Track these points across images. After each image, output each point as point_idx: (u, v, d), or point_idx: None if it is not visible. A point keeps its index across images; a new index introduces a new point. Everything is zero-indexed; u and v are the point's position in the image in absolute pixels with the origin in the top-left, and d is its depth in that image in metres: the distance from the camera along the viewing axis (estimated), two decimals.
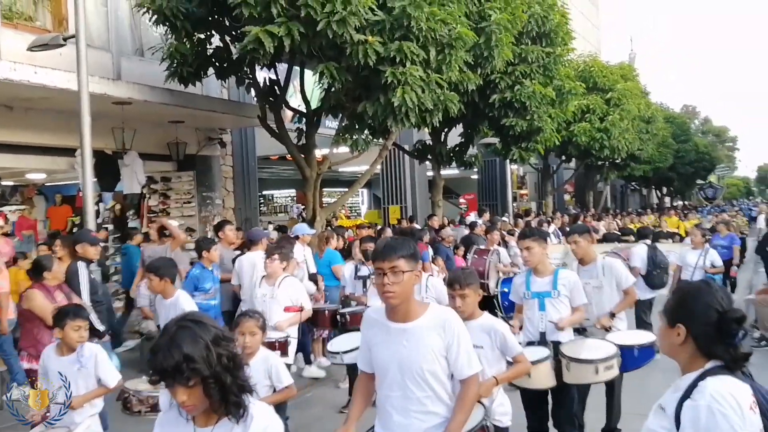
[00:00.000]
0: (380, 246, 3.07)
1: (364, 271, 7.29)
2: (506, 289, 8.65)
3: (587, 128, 21.80)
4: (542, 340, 4.85)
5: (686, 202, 50.83)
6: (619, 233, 15.03)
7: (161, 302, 5.64)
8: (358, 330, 3.42)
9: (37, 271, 5.83)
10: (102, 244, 8.14)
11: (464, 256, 10.57)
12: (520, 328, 5.03)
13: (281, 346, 5.75)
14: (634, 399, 5.72)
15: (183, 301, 5.46)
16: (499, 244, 10.85)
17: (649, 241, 9.61)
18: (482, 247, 10.55)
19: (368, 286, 7.05)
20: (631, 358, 4.83)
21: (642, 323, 8.37)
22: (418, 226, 13.00)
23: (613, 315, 5.41)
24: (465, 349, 3.03)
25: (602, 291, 5.47)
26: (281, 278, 6.26)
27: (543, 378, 4.51)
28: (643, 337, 5.06)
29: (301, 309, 6.24)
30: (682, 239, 15.53)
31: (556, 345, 4.77)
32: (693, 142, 44.91)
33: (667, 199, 50.40)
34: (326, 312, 7.41)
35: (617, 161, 25.92)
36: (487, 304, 9.18)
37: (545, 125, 14.21)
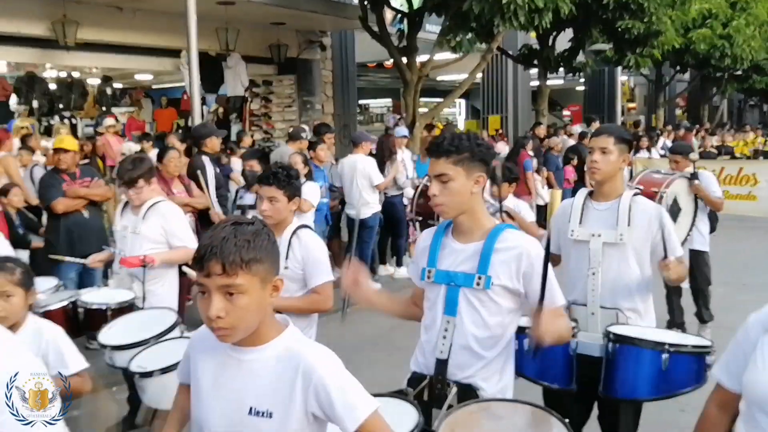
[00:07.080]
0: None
1: None
2: None
3: (708, 35, 19.98)
4: (438, 376, 2.42)
5: None
6: (716, 152, 14.02)
7: None
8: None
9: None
10: None
11: (576, 167, 9.93)
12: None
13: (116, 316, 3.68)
14: None
15: None
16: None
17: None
18: None
19: None
20: (660, 375, 2.72)
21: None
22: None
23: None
24: None
25: (624, 250, 3.02)
26: (149, 204, 4.18)
27: None
28: (687, 339, 2.97)
29: (143, 263, 3.92)
30: None
31: (466, 393, 2.37)
32: None
33: None
34: None
35: (738, 72, 23.89)
36: None
37: (665, 27, 13.11)
